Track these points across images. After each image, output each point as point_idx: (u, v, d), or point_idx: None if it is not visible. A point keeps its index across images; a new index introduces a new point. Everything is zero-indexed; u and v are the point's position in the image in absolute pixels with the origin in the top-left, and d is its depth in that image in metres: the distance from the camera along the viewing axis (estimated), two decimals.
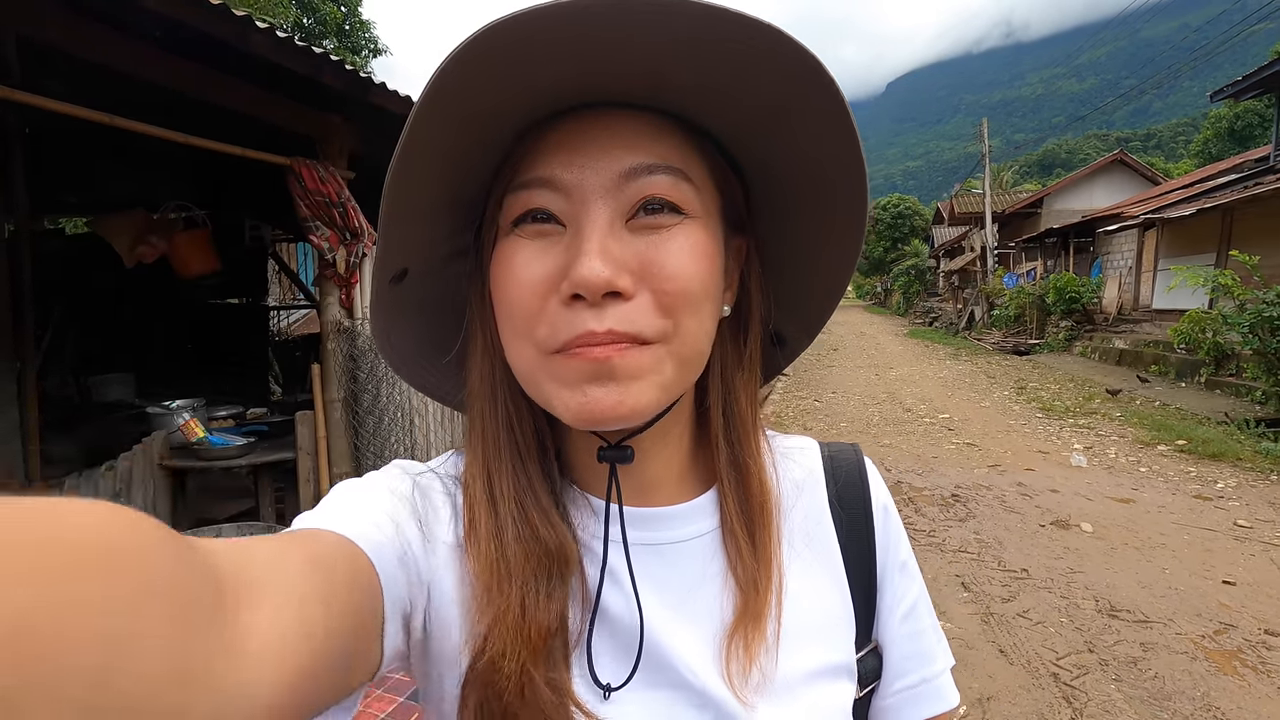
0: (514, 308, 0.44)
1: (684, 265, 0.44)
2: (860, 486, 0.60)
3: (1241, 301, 8.53)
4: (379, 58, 25.49)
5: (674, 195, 0.44)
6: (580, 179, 0.43)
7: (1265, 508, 5.27)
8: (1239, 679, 3.00)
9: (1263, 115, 30.42)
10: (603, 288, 0.41)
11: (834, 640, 0.54)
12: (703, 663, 0.49)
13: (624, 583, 0.50)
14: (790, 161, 0.48)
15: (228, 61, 2.77)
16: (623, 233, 0.43)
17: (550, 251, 0.44)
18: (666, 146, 0.45)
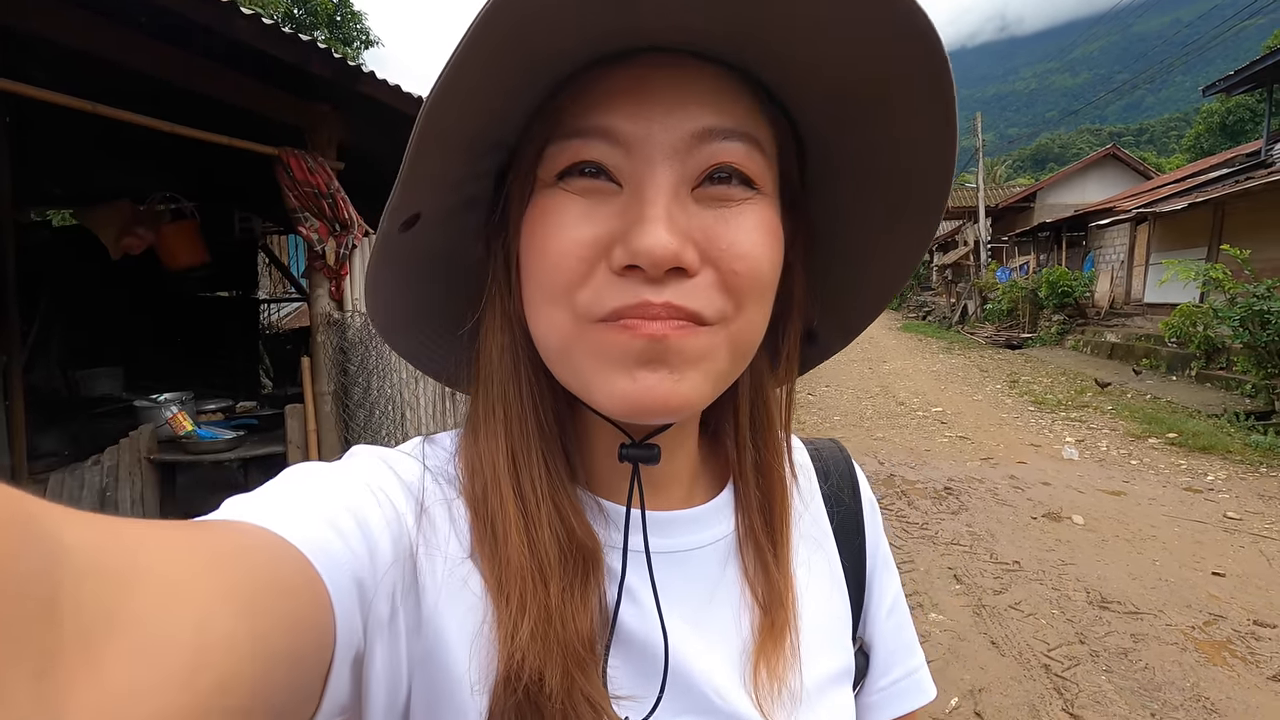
0: (553, 270, 0.38)
1: (755, 245, 0.39)
2: (851, 485, 0.59)
3: (1232, 295, 8.57)
4: (370, 49, 25.30)
5: (748, 167, 0.39)
6: (647, 133, 0.37)
7: (1254, 500, 5.31)
8: (1228, 669, 3.02)
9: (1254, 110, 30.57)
10: (668, 262, 0.36)
11: (840, 643, 0.52)
12: (729, 684, 0.45)
13: (643, 600, 0.44)
14: (870, 144, 0.42)
15: (215, 49, 2.73)
16: (688, 201, 0.38)
17: (601, 211, 0.38)
18: (743, 109, 0.39)
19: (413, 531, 0.40)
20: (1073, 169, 26.62)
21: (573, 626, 0.39)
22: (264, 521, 0.32)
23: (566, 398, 0.44)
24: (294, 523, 0.33)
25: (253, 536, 0.30)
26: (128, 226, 3.97)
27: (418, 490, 0.43)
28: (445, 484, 0.45)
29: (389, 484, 0.41)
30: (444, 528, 0.42)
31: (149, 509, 3.39)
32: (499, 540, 0.41)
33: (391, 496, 0.41)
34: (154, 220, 4.14)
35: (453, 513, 0.43)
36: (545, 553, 0.40)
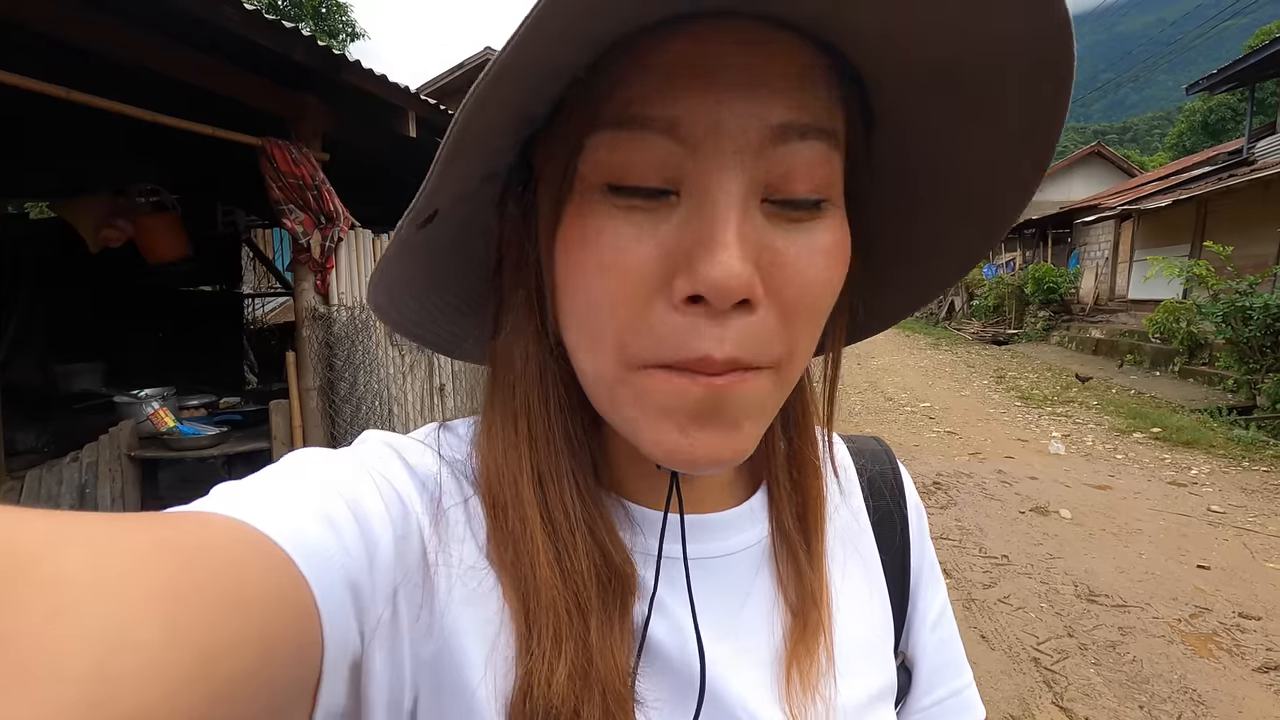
0: (600, 311, 0.34)
1: (822, 272, 0.34)
2: (895, 487, 0.54)
3: (1215, 292, 8.69)
4: (357, 41, 25.01)
5: (822, 175, 0.33)
6: (716, 127, 0.31)
7: (1237, 493, 5.37)
8: (1214, 661, 3.05)
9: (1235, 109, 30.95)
10: (740, 294, 0.31)
11: (883, 658, 0.48)
12: (762, 701, 0.41)
13: (675, 612, 0.41)
14: (958, 142, 0.37)
15: (197, 37, 2.66)
16: (756, 214, 0.32)
17: (659, 230, 0.32)
18: (824, 94, 0.33)
19: (426, 529, 0.37)
20: (1058, 166, 26.83)
21: (612, 662, 0.36)
22: (244, 514, 0.28)
23: None
24: (279, 516, 0.29)
25: (221, 532, 0.26)
26: (107, 218, 3.88)
27: (434, 485, 0.39)
28: (462, 479, 0.41)
29: (399, 475, 0.38)
30: (459, 528, 0.39)
31: (130, 506, 3.32)
32: (525, 566, 0.37)
33: (400, 489, 0.37)
34: (134, 212, 4.06)
35: (469, 511, 0.40)
36: (582, 584, 0.37)
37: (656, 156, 0.31)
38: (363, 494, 0.34)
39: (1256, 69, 13.03)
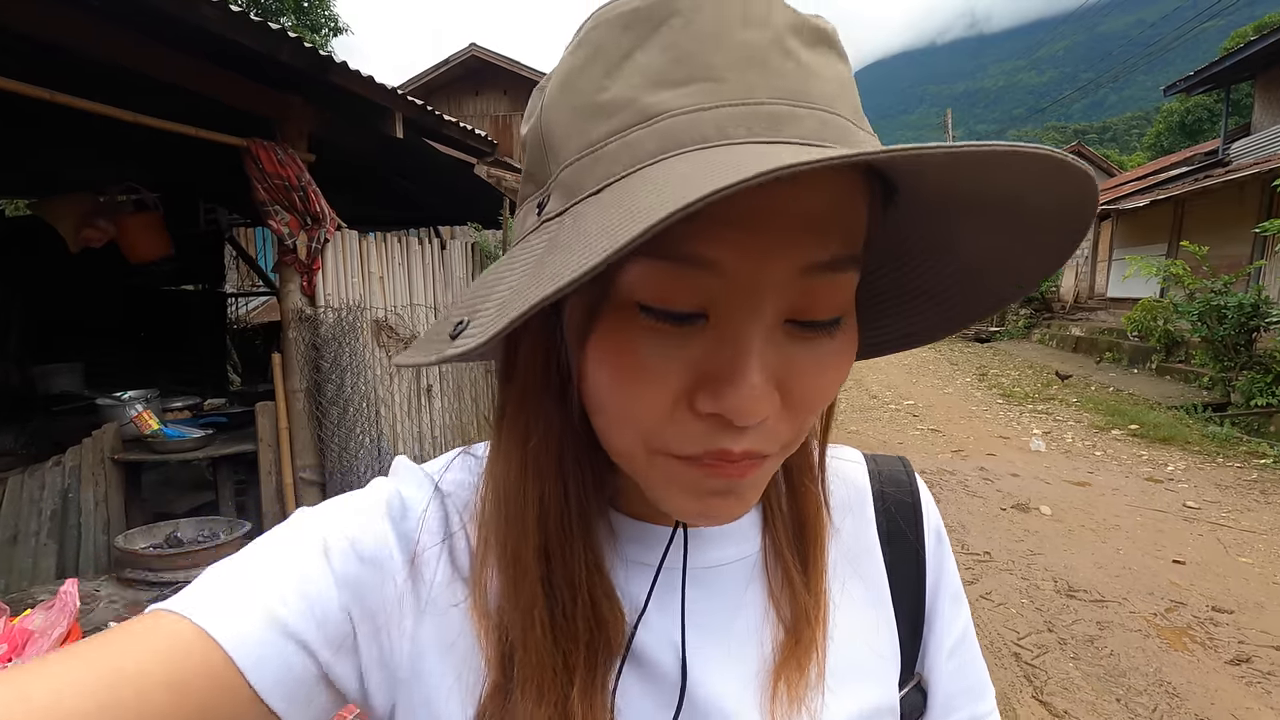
0: (628, 411, 0.35)
1: (831, 377, 0.36)
2: (911, 507, 0.53)
3: (1191, 290, 8.84)
4: (339, 36, 24.71)
5: (843, 298, 0.35)
6: (755, 273, 0.32)
7: (1212, 489, 5.49)
8: (1189, 654, 3.13)
9: (1212, 110, 31.47)
10: (758, 420, 0.33)
11: (880, 678, 0.49)
12: (744, 706, 0.43)
13: (666, 620, 0.43)
14: (962, 237, 0.39)
15: (179, 36, 2.64)
16: (779, 335, 0.34)
17: (686, 348, 0.34)
18: (847, 214, 0.34)
19: (399, 575, 0.41)
20: None
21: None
22: (199, 618, 0.35)
23: None
24: (227, 620, 0.35)
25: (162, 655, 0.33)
26: (87, 218, 3.83)
27: (416, 529, 0.43)
28: (453, 513, 0.44)
29: (375, 528, 0.42)
30: (431, 569, 0.42)
31: (113, 510, 3.29)
32: (518, 625, 0.39)
33: (372, 545, 0.41)
34: (115, 212, 4.01)
35: (452, 547, 0.43)
36: (572, 645, 0.39)
37: (692, 287, 0.32)
38: (311, 565, 0.39)
39: (1231, 71, 13.28)
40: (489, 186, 5.64)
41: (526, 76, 14.33)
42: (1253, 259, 10.18)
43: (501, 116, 14.77)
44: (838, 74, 0.34)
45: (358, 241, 3.83)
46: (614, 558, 0.44)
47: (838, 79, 0.34)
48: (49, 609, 1.37)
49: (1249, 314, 7.95)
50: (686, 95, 0.31)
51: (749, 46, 0.32)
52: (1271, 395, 7.41)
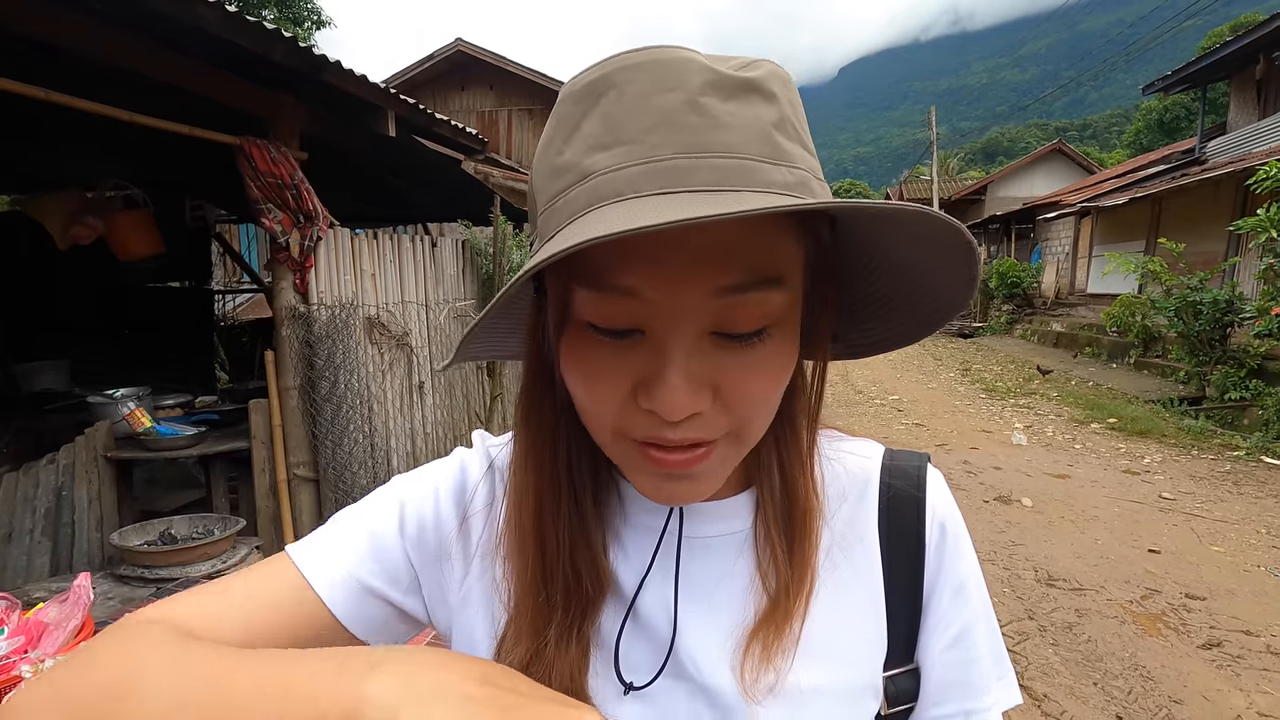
0: (589, 405, 0.44)
1: (760, 384, 0.42)
2: (915, 500, 0.55)
3: (1168, 287, 9.01)
4: (322, 30, 24.42)
5: (761, 314, 0.41)
6: (668, 297, 0.39)
7: (1186, 481, 5.64)
8: (1163, 640, 3.24)
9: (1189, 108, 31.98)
10: (682, 416, 0.40)
11: (858, 658, 0.52)
12: (715, 660, 0.49)
13: (661, 583, 0.51)
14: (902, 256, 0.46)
15: (172, 35, 2.64)
16: (706, 345, 0.41)
17: (627, 356, 0.41)
18: (760, 243, 0.40)
19: (454, 532, 0.54)
20: (1021, 163, 27.49)
21: (559, 667, 0.47)
22: (300, 564, 0.50)
23: None
24: (320, 568, 0.50)
25: (282, 586, 0.49)
26: (76, 215, 3.81)
27: (469, 496, 0.56)
28: (499, 486, 0.55)
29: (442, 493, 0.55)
30: (478, 529, 0.54)
31: (106, 508, 3.29)
32: (517, 570, 0.50)
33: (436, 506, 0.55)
34: (104, 209, 3.98)
35: (492, 514, 0.54)
36: (552, 596, 0.48)
37: (622, 310, 0.40)
38: (387, 528, 0.53)
39: (1208, 71, 13.52)
40: (478, 183, 5.66)
41: (513, 72, 14.24)
42: (1227, 256, 10.39)
43: (488, 112, 14.68)
44: (752, 117, 0.39)
45: (350, 239, 3.84)
46: (623, 523, 0.53)
47: (749, 123, 0.39)
48: (62, 602, 1.40)
49: (1223, 310, 8.12)
50: (611, 157, 0.38)
51: (661, 110, 0.38)
52: (1245, 389, 7.60)
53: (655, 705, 0.49)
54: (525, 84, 14.30)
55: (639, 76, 0.39)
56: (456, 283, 4.91)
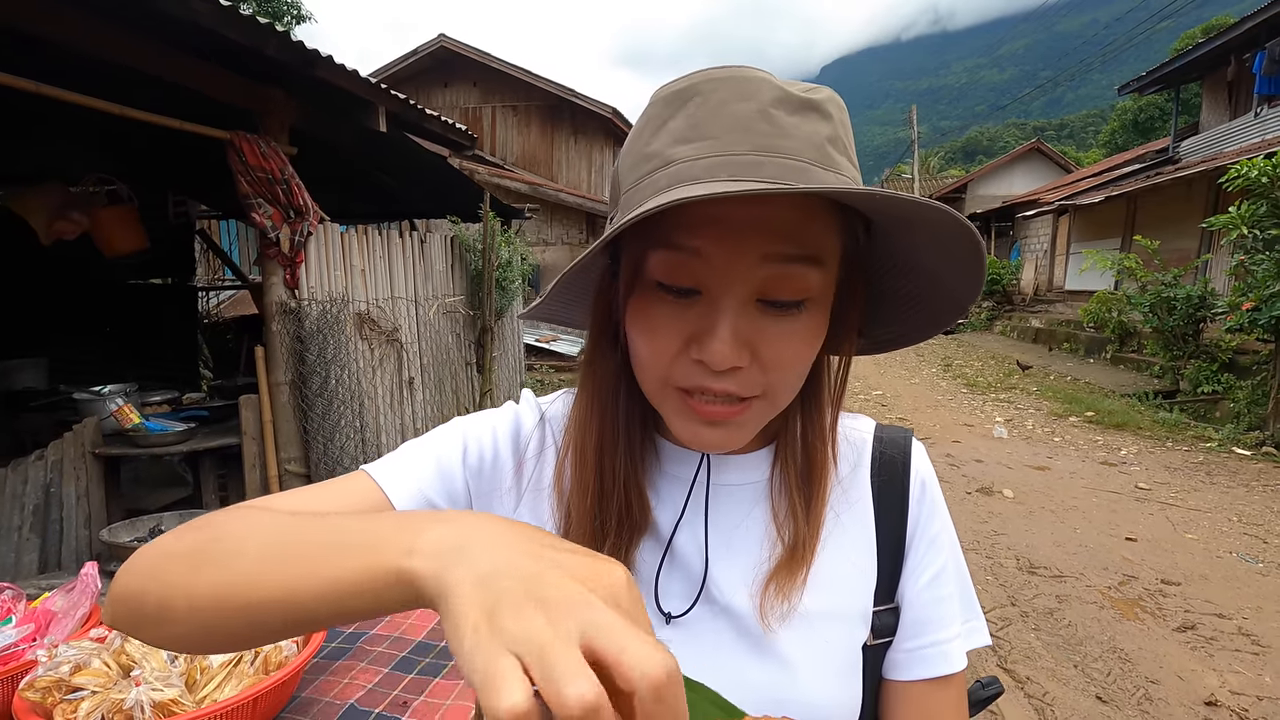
0: (649, 354, 0.51)
1: (791, 356, 0.51)
2: (902, 464, 0.65)
3: (1143, 283, 9.20)
4: (302, 25, 24.08)
5: (800, 289, 0.49)
6: (727, 260, 0.47)
7: (1162, 471, 5.79)
8: (1140, 624, 3.34)
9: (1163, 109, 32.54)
10: (726, 367, 0.48)
11: (854, 588, 0.61)
12: (736, 588, 0.58)
13: (694, 524, 0.60)
14: (921, 259, 0.54)
15: (163, 28, 2.63)
16: (751, 309, 0.49)
17: (686, 314, 0.49)
18: (807, 225, 0.48)
19: (510, 466, 0.63)
20: (1000, 162, 27.85)
21: None
22: (378, 478, 0.56)
23: None
24: (394, 480, 0.56)
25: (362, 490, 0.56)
26: (60, 210, 3.76)
27: (525, 439, 0.64)
28: (551, 432, 0.64)
29: (501, 433, 0.63)
30: (532, 467, 0.63)
31: (94, 505, 3.27)
32: (575, 496, 0.57)
33: (495, 443, 0.63)
34: (88, 204, 3.94)
35: (543, 459, 0.63)
36: (605, 524, 0.56)
37: (687, 270, 0.48)
38: (452, 456, 0.60)
39: (1180, 73, 13.81)
40: (466, 180, 5.66)
41: (497, 68, 14.16)
42: (1200, 253, 10.63)
43: (472, 108, 14.59)
44: (811, 131, 0.47)
45: (339, 235, 3.84)
46: (658, 473, 0.62)
47: (809, 135, 0.47)
48: (70, 591, 1.41)
49: (1196, 305, 8.32)
50: (693, 149, 0.47)
51: (738, 116, 0.46)
52: (1217, 383, 7.79)
53: (688, 630, 0.58)
54: (510, 81, 14.24)
55: (721, 88, 0.47)
56: (445, 279, 4.91)
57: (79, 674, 1.08)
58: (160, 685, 1.07)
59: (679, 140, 0.47)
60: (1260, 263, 6.57)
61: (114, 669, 1.12)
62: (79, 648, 1.14)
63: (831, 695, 0.58)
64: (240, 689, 1.11)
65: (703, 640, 0.57)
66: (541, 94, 14.17)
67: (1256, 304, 6.47)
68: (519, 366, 6.68)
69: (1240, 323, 6.74)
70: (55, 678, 1.07)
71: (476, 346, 5.30)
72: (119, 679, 1.11)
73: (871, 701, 0.62)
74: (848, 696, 0.59)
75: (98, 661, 1.11)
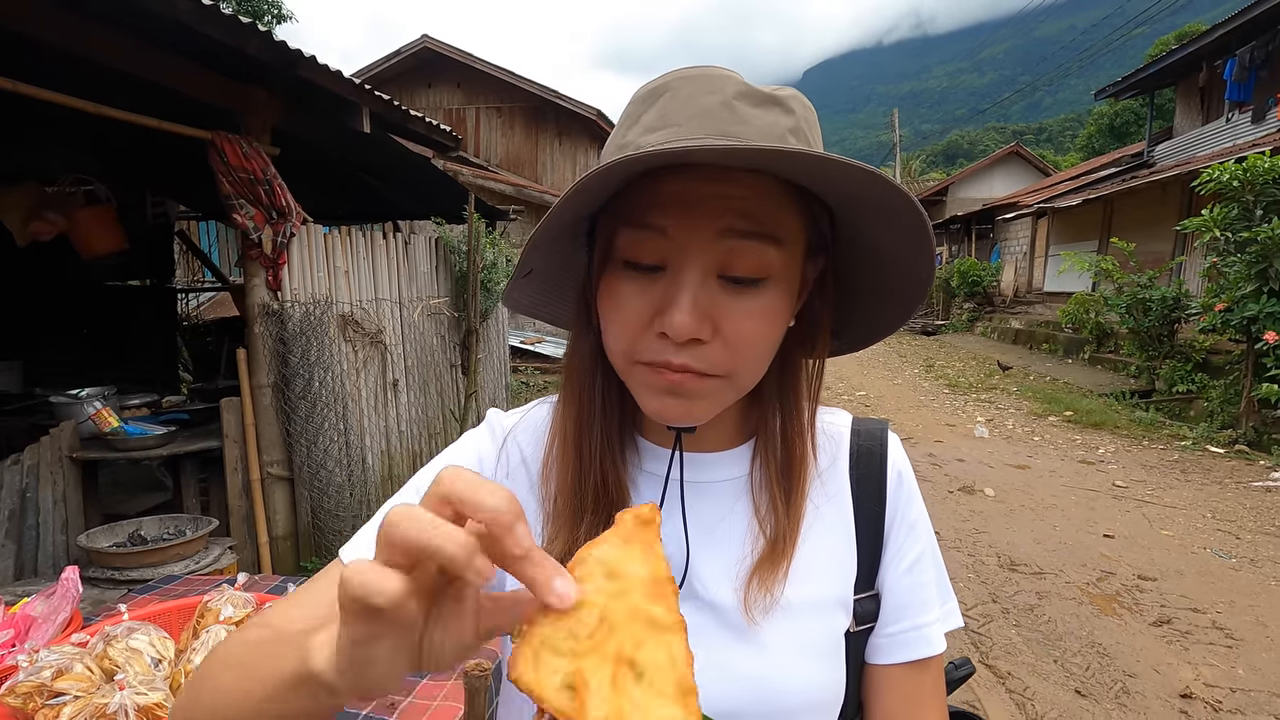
0: (616, 330, 0.54)
1: (753, 333, 0.52)
2: (879, 455, 0.67)
3: (1120, 285, 9.37)
4: (283, 24, 23.82)
5: (758, 266, 0.51)
6: (687, 236, 0.50)
7: (1138, 469, 5.90)
8: (1117, 619, 3.40)
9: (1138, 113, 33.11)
10: (687, 337, 0.50)
11: (834, 579, 0.62)
12: (720, 582, 0.60)
13: (673, 518, 0.61)
14: (880, 242, 0.56)
15: (142, 26, 2.60)
16: (712, 283, 0.51)
17: (650, 290, 0.52)
18: (767, 208, 0.50)
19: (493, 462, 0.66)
20: (981, 165, 28.20)
21: None
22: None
23: None
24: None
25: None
26: (36, 211, 3.70)
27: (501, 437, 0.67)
28: (529, 431, 0.67)
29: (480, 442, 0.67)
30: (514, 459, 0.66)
31: (71, 509, 3.21)
32: (554, 481, 0.60)
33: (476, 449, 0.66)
34: (65, 204, 3.88)
35: (524, 453, 0.66)
36: (583, 500, 0.58)
37: (651, 246, 0.51)
38: None
39: (1155, 78, 14.08)
40: (451, 181, 5.63)
41: (480, 70, 14.11)
42: (1174, 255, 10.84)
43: (455, 110, 14.52)
44: (773, 121, 0.50)
45: (323, 236, 3.81)
46: (638, 470, 0.63)
47: (770, 124, 0.50)
48: (50, 596, 1.39)
49: (1171, 307, 8.48)
50: (658, 136, 0.50)
51: (702, 107, 0.50)
52: (1191, 382, 7.95)
53: None
54: (494, 82, 14.18)
55: (690, 84, 0.51)
56: (430, 280, 4.88)
57: (61, 679, 1.07)
58: (144, 689, 1.06)
59: (648, 130, 0.51)
60: (1232, 264, 6.72)
61: (97, 674, 1.11)
62: (60, 653, 1.13)
63: (814, 682, 0.59)
64: None
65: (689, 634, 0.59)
66: (525, 95, 14.13)
67: (1229, 305, 6.62)
68: (504, 369, 6.65)
69: (1213, 323, 6.89)
70: (37, 683, 1.06)
71: (461, 348, 5.28)
72: (102, 684, 1.10)
73: (855, 687, 0.64)
74: (831, 683, 0.61)
75: (80, 666, 1.10)
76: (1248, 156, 6.63)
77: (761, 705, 0.57)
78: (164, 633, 1.25)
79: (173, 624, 1.36)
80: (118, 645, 1.17)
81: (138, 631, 1.20)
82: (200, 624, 1.29)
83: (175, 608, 1.42)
